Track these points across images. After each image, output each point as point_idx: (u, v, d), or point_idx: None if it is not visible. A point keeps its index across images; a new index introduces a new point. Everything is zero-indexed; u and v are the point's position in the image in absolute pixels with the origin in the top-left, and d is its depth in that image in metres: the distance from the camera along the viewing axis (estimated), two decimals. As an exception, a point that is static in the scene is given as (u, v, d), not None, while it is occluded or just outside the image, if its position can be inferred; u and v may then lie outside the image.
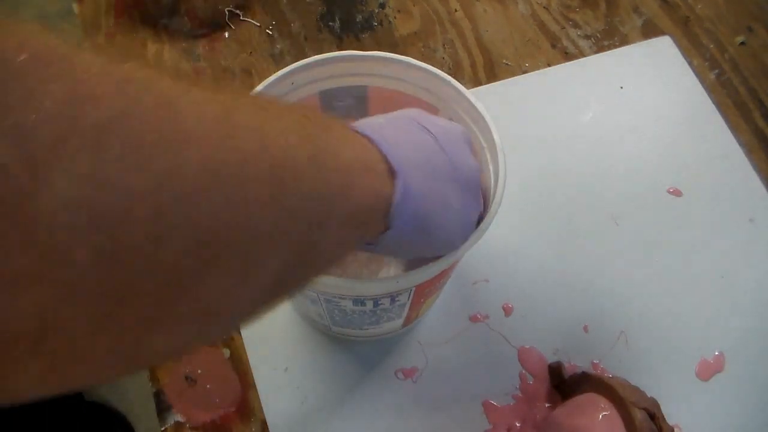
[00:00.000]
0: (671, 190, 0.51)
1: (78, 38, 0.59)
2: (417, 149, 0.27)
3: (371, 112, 0.40)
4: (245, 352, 0.44)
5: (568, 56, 0.57)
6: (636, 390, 0.38)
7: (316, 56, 0.36)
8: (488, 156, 0.35)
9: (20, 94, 0.12)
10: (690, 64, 0.56)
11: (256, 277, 0.18)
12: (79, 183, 0.12)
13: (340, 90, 0.38)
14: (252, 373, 0.43)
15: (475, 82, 0.55)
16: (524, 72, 0.56)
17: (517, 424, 0.42)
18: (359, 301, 0.34)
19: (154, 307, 0.15)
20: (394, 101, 0.38)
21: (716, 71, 0.56)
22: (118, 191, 0.13)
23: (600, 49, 0.57)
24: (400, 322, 0.40)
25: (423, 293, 0.36)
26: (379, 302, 0.34)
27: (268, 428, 0.41)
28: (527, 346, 0.45)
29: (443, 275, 0.35)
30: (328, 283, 0.30)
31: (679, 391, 0.43)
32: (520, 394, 0.43)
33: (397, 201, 0.25)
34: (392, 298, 0.34)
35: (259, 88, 0.35)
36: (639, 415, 0.36)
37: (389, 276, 0.30)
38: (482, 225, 0.32)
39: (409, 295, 0.34)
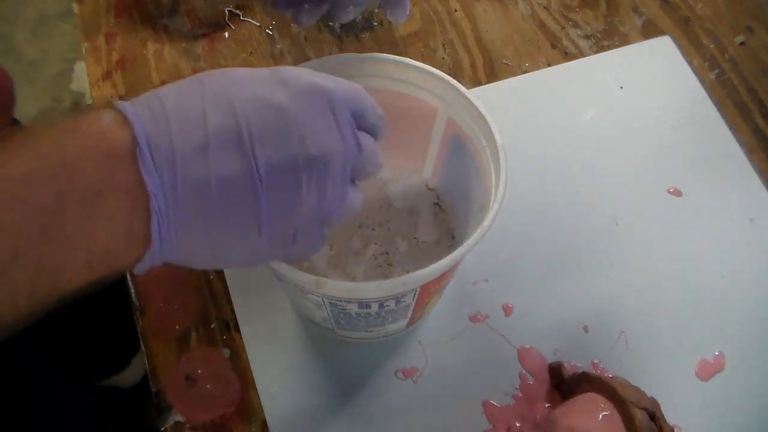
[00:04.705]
0: (671, 190, 0.51)
1: (78, 38, 0.59)
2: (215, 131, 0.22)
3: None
4: (245, 352, 0.44)
5: (568, 56, 0.57)
6: (636, 390, 0.38)
7: (313, 60, 0.36)
8: (489, 155, 0.35)
9: None
10: (690, 64, 0.56)
11: None
12: None
13: None
14: (252, 373, 0.43)
15: (475, 82, 0.55)
16: (524, 72, 0.56)
17: (517, 424, 0.42)
18: (365, 303, 0.34)
19: None
20: (394, 102, 0.38)
21: (716, 71, 0.56)
22: None
23: (600, 49, 0.57)
24: (404, 322, 0.40)
25: (428, 293, 0.36)
26: (385, 304, 0.34)
27: (268, 428, 0.41)
28: (527, 346, 0.45)
29: (448, 274, 0.35)
30: (334, 287, 0.30)
31: (679, 391, 0.43)
32: (520, 394, 0.43)
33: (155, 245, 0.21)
34: (397, 299, 0.34)
35: None
36: (639, 415, 0.36)
37: (394, 278, 0.30)
38: (484, 224, 0.32)
39: (414, 295, 0.34)
